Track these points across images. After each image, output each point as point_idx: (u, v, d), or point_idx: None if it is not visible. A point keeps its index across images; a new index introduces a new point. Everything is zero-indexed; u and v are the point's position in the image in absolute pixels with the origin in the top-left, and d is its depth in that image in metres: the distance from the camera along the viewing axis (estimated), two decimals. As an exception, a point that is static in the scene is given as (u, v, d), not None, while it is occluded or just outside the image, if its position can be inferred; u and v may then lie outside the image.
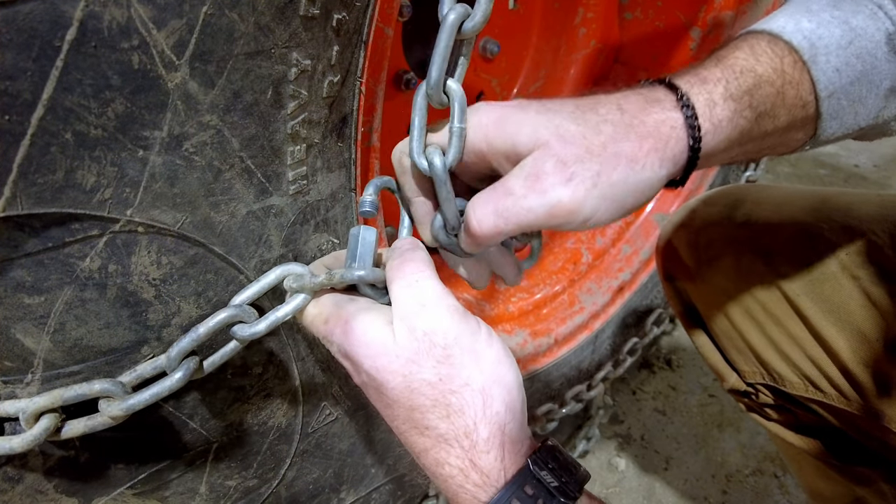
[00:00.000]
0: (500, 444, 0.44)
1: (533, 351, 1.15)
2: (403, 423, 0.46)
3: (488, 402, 0.44)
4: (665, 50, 1.31)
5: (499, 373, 0.45)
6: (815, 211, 0.77)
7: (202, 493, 0.61)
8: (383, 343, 0.45)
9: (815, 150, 2.59)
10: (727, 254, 0.82)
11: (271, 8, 0.45)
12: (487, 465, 0.43)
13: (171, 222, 0.46)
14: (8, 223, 0.40)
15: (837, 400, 0.72)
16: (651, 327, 1.32)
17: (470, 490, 0.43)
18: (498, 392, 0.45)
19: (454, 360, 0.44)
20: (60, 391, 0.45)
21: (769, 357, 0.79)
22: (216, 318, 0.49)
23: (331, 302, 0.50)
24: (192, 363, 0.49)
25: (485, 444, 0.43)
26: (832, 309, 0.71)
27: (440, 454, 0.44)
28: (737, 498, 1.34)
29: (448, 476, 0.44)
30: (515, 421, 0.45)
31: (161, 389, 0.47)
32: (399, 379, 0.44)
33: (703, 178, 1.30)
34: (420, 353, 0.44)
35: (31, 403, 0.44)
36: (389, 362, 0.45)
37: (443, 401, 0.44)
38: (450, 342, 0.45)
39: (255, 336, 0.50)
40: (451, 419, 0.44)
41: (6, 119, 0.37)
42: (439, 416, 0.44)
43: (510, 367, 0.46)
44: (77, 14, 0.37)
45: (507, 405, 0.45)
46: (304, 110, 0.51)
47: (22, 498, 0.48)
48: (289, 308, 0.51)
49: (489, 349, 0.46)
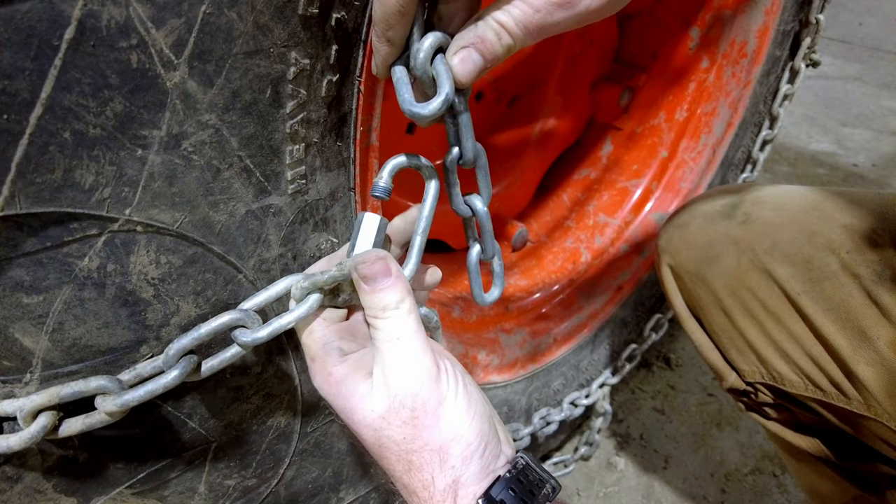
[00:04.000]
0: (453, 495, 0.48)
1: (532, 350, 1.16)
2: (382, 466, 0.51)
3: (444, 458, 0.48)
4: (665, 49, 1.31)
5: (457, 432, 0.48)
6: (815, 210, 0.77)
7: (201, 493, 0.61)
8: (360, 398, 0.49)
9: (814, 150, 2.59)
10: (727, 253, 0.82)
11: (270, 7, 0.44)
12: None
13: (170, 221, 0.46)
14: (6, 222, 0.40)
15: (837, 398, 0.72)
16: (650, 333, 1.32)
17: None
18: (455, 449, 0.48)
19: (418, 422, 0.48)
20: (57, 388, 0.44)
21: (769, 356, 0.79)
22: (219, 320, 0.49)
23: (320, 342, 0.52)
24: (189, 361, 0.48)
25: (441, 495, 0.48)
26: (832, 307, 0.71)
27: (405, 496, 0.50)
28: (735, 497, 1.34)
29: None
30: (472, 469, 0.49)
31: (157, 386, 0.47)
32: (370, 432, 0.49)
33: (702, 177, 1.30)
34: (390, 412, 0.48)
35: (29, 402, 0.44)
36: (364, 417, 0.48)
37: (406, 458, 0.48)
38: (417, 406, 0.48)
39: (256, 342, 0.50)
40: (412, 474, 0.48)
41: (4, 118, 0.37)
42: (402, 470, 0.48)
43: (471, 424, 0.49)
44: (75, 13, 0.37)
45: (464, 458, 0.48)
46: (303, 109, 0.51)
47: (21, 497, 0.48)
48: (292, 317, 0.51)
49: (452, 413, 0.49)
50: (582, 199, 1.42)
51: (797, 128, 2.74)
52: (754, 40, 1.19)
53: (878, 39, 3.68)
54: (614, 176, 1.39)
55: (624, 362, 1.30)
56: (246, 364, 0.58)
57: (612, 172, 1.39)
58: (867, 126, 2.79)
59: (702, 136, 1.29)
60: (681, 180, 1.31)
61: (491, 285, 0.67)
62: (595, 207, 1.38)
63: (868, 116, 2.87)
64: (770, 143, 1.33)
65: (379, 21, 0.46)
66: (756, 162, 1.34)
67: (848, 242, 0.72)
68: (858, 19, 3.94)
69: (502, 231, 1.37)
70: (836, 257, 0.72)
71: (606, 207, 1.37)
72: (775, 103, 1.27)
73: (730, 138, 1.27)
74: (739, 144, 1.31)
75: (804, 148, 2.62)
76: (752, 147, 1.33)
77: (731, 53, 1.22)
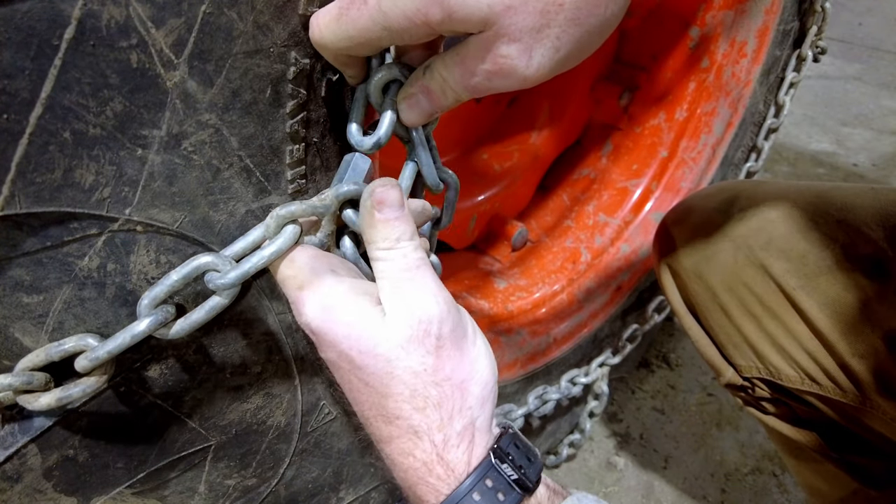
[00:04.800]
0: (469, 439, 0.44)
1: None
2: (371, 408, 0.45)
3: (466, 396, 0.44)
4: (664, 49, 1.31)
5: (477, 369, 0.46)
6: (811, 205, 0.78)
7: (201, 492, 0.61)
8: (370, 325, 0.43)
9: (814, 149, 2.59)
10: (723, 249, 0.83)
11: (270, 7, 0.44)
12: (455, 460, 0.43)
13: (170, 221, 0.46)
14: (6, 222, 0.40)
15: (833, 392, 0.73)
16: (652, 314, 1.31)
17: (432, 483, 0.43)
18: (475, 388, 0.45)
19: (443, 352, 0.44)
20: (45, 348, 0.44)
21: (766, 351, 0.79)
22: (191, 264, 0.45)
23: (308, 267, 0.46)
24: (163, 311, 0.45)
25: (457, 438, 0.44)
26: (828, 302, 0.72)
27: (406, 445, 0.44)
28: (735, 496, 1.34)
29: (409, 467, 0.44)
30: (485, 414, 0.46)
31: (127, 336, 0.43)
32: (381, 363, 0.43)
33: (702, 177, 1.30)
34: (412, 341, 0.43)
35: (22, 363, 0.43)
36: (375, 345, 0.43)
37: (422, 392, 0.43)
38: (444, 333, 0.44)
39: (227, 284, 0.45)
40: (427, 412, 0.43)
41: (4, 118, 0.37)
42: (415, 406, 0.43)
43: (488, 364, 0.47)
44: (75, 13, 0.37)
45: (480, 401, 0.45)
46: (303, 109, 0.51)
47: (21, 497, 0.48)
48: (268, 251, 0.45)
49: (473, 346, 0.47)
50: (582, 198, 1.42)
51: (797, 127, 2.74)
52: (754, 40, 1.19)
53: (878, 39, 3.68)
54: (614, 176, 1.39)
55: (625, 342, 1.29)
56: (246, 364, 0.58)
57: (612, 172, 1.39)
58: (867, 126, 2.79)
59: (702, 136, 1.29)
60: (681, 180, 1.32)
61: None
62: (595, 207, 1.38)
63: (868, 116, 2.87)
64: (775, 131, 1.32)
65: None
66: (760, 151, 1.33)
67: (843, 237, 0.73)
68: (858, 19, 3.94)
69: (502, 231, 1.37)
70: (831, 252, 0.73)
71: (606, 207, 1.37)
72: (780, 91, 1.27)
73: (730, 138, 1.27)
74: (739, 144, 1.31)
75: (804, 148, 2.62)
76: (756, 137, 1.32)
77: (731, 53, 1.22)
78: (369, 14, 0.42)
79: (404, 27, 0.42)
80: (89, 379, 0.45)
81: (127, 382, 0.50)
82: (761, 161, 1.36)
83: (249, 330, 0.57)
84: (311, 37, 0.46)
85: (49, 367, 0.45)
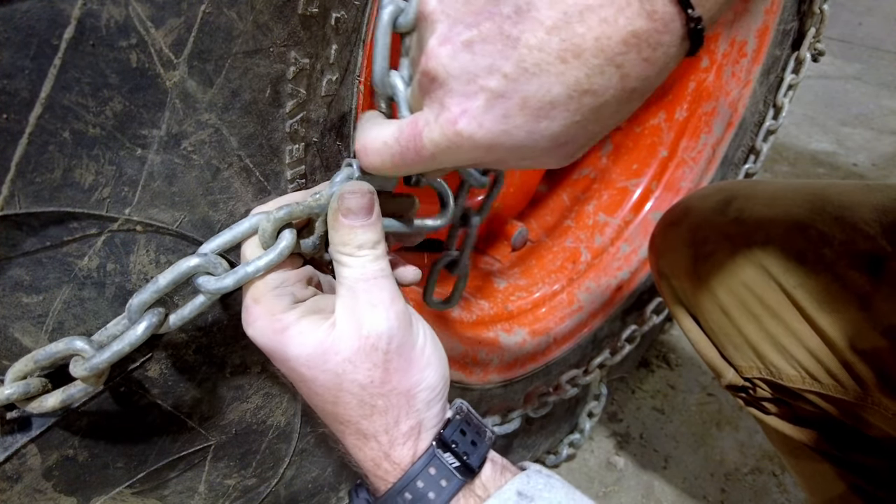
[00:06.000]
0: (415, 437, 0.46)
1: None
2: (322, 412, 0.48)
3: (412, 402, 0.46)
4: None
5: (425, 377, 0.47)
6: (808, 203, 0.78)
7: (201, 492, 0.61)
8: (321, 342, 0.44)
9: (814, 149, 2.59)
10: (721, 249, 0.82)
11: (270, 6, 0.44)
12: (400, 456, 0.46)
13: (170, 221, 0.46)
14: (6, 222, 0.40)
15: (835, 390, 0.73)
16: (651, 315, 1.31)
17: (381, 475, 0.47)
18: (421, 394, 0.47)
19: (390, 365, 0.45)
20: (34, 353, 0.44)
21: (766, 350, 0.79)
22: (178, 268, 0.44)
23: (272, 283, 0.46)
24: (155, 315, 0.45)
25: (402, 438, 0.46)
26: (828, 299, 0.72)
27: (356, 443, 0.47)
28: (735, 496, 1.34)
29: (361, 460, 0.47)
30: (432, 412, 0.48)
31: (123, 345, 0.43)
32: (330, 376, 0.44)
33: (702, 177, 1.30)
34: (359, 354, 0.44)
35: (11, 372, 0.43)
36: (325, 361, 0.44)
37: (369, 402, 0.45)
38: (391, 349, 0.45)
39: (221, 291, 0.45)
40: (373, 418, 0.45)
41: (4, 118, 0.37)
42: (362, 414, 0.45)
43: (437, 368, 0.48)
44: (75, 13, 0.37)
45: (428, 402, 0.47)
46: (302, 109, 0.51)
47: (20, 497, 0.48)
48: (264, 261, 0.45)
49: (422, 355, 0.47)
50: (582, 198, 1.42)
51: (797, 127, 2.74)
52: (754, 40, 1.19)
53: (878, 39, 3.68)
54: (614, 175, 1.39)
55: (623, 343, 1.29)
56: (245, 363, 0.58)
57: (612, 172, 1.39)
58: (867, 126, 2.79)
59: (701, 136, 1.29)
60: (681, 180, 1.32)
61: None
62: (595, 207, 1.38)
63: (868, 116, 2.87)
64: (774, 133, 1.32)
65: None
66: (759, 153, 1.33)
67: (840, 234, 0.73)
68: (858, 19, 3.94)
69: (502, 230, 1.37)
70: (829, 249, 0.73)
71: (606, 207, 1.37)
72: (779, 93, 1.27)
73: (730, 138, 1.27)
74: (739, 144, 1.31)
75: (804, 147, 2.62)
76: (755, 138, 1.33)
77: (731, 53, 1.22)
78: (423, 164, 0.42)
79: (448, 165, 0.43)
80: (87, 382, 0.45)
81: (127, 382, 0.50)
82: (759, 163, 1.36)
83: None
84: (358, 157, 0.46)
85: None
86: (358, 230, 0.45)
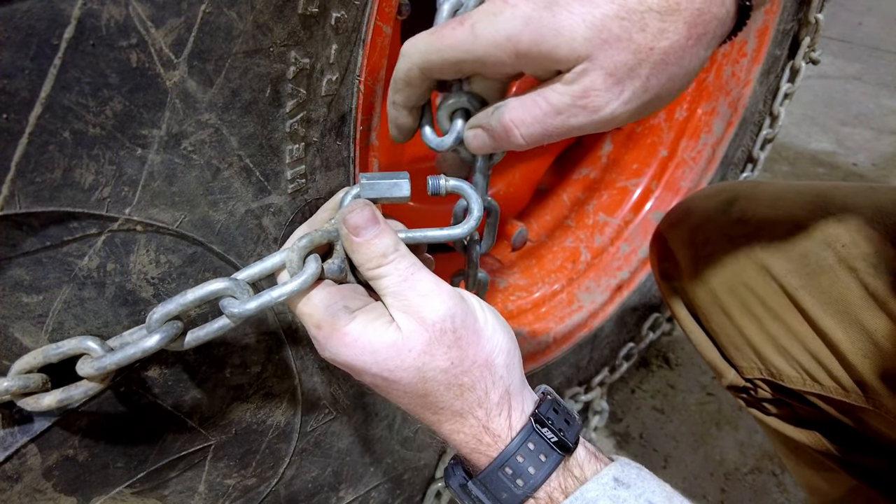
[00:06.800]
0: (507, 405, 0.48)
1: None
2: (416, 407, 0.49)
3: (493, 369, 0.48)
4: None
5: (497, 341, 0.49)
6: (810, 204, 0.77)
7: (201, 492, 0.61)
8: (392, 344, 0.46)
9: (814, 149, 2.59)
10: (723, 250, 0.82)
11: (270, 6, 0.44)
12: (498, 427, 0.48)
13: (170, 221, 0.46)
14: (6, 222, 0.40)
15: (836, 392, 0.73)
16: (647, 332, 1.32)
17: (483, 451, 0.48)
18: (499, 359, 0.48)
19: (462, 342, 0.47)
20: (45, 349, 0.44)
21: (767, 352, 0.79)
22: (207, 288, 0.46)
23: (322, 305, 0.48)
24: (173, 327, 0.46)
25: (497, 408, 0.48)
26: (830, 301, 0.72)
27: (454, 426, 0.48)
28: (735, 496, 1.34)
29: (461, 442, 0.49)
30: (515, 377, 0.50)
31: (136, 350, 0.44)
32: (412, 373, 0.46)
33: (702, 176, 1.30)
34: (432, 343, 0.46)
35: (18, 364, 0.43)
36: (402, 361, 0.46)
37: (455, 382, 0.47)
38: (458, 325, 0.47)
39: (244, 315, 0.46)
40: (464, 396, 0.47)
41: (4, 118, 0.37)
42: (453, 395, 0.47)
43: (504, 333, 0.50)
44: (75, 12, 0.37)
45: (508, 367, 0.49)
46: (302, 109, 0.51)
47: (20, 497, 0.48)
48: (291, 287, 0.46)
49: (486, 324, 0.49)
50: (582, 198, 1.42)
51: (797, 127, 2.74)
52: (754, 40, 1.19)
53: (878, 39, 3.68)
54: (614, 175, 1.39)
55: (621, 360, 1.30)
56: (246, 363, 0.58)
57: (612, 172, 1.39)
58: (867, 126, 2.79)
59: (701, 136, 1.29)
60: (681, 179, 1.32)
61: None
62: (595, 207, 1.38)
63: (868, 116, 2.87)
64: (771, 141, 1.33)
65: (390, 85, 0.50)
66: (757, 161, 1.34)
67: (843, 236, 0.73)
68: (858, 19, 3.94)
69: (502, 230, 1.37)
70: (832, 251, 0.73)
71: (606, 207, 1.37)
72: (776, 102, 1.27)
73: (729, 137, 1.27)
74: (739, 143, 1.31)
75: (804, 147, 2.62)
76: (752, 146, 1.33)
77: (731, 53, 1.22)
78: (462, 33, 0.44)
79: (490, 52, 0.44)
80: (91, 381, 0.45)
81: (127, 382, 0.50)
82: (757, 171, 1.37)
83: (249, 330, 0.57)
84: (402, 50, 0.48)
85: (45, 367, 0.45)
86: (374, 241, 0.47)
